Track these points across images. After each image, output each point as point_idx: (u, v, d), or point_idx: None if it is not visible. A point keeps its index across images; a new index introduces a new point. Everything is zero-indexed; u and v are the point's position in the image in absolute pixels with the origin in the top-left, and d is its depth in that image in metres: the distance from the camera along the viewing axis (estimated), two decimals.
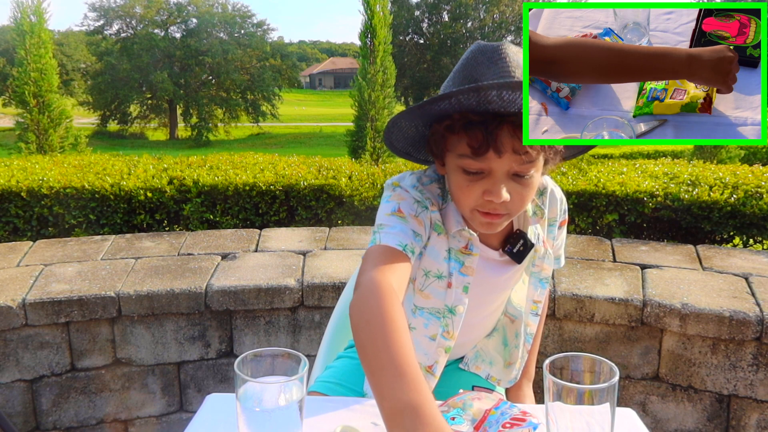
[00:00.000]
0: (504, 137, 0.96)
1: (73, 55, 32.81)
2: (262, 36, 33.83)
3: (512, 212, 1.04)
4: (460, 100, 0.94)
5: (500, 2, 32.06)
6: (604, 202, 2.93)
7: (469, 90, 0.92)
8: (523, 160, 0.98)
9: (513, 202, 1.02)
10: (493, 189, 0.99)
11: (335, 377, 1.35)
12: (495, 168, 0.99)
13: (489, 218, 1.03)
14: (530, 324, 1.28)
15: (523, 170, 1.00)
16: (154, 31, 31.95)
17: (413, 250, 1.02)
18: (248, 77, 31.27)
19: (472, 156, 0.98)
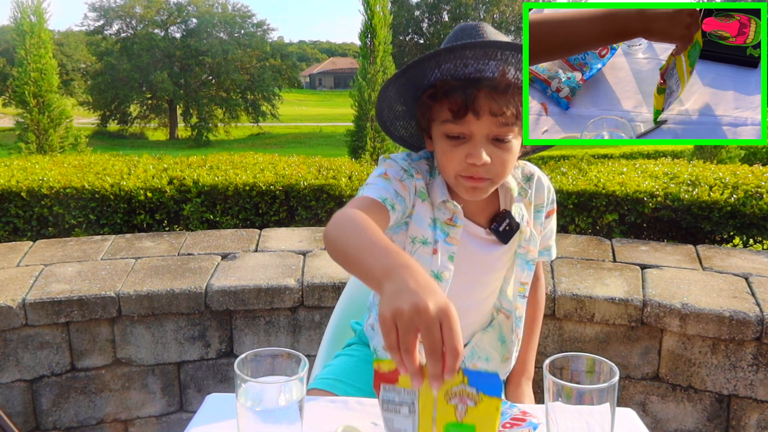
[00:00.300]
0: (481, 100, 1.03)
1: (73, 55, 32.81)
2: (262, 36, 33.83)
3: (494, 178, 1.10)
4: (438, 63, 1.05)
5: (500, 2, 32.08)
6: (604, 202, 2.93)
7: (445, 51, 1.01)
8: (501, 122, 1.05)
9: (494, 165, 1.08)
10: (473, 152, 1.06)
11: (335, 374, 1.35)
12: (475, 131, 1.06)
13: (472, 182, 1.09)
14: (519, 307, 1.30)
15: (502, 133, 1.06)
16: (154, 31, 31.96)
17: (393, 205, 1.06)
18: (248, 77, 31.27)
19: (453, 120, 1.06)
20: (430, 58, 1.04)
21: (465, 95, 1.04)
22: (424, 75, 1.09)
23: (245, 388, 0.82)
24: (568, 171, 3.38)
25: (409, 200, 1.13)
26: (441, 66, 1.05)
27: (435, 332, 0.69)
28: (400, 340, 0.70)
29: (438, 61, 1.05)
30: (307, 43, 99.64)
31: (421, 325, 0.69)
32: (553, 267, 2.43)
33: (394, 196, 1.08)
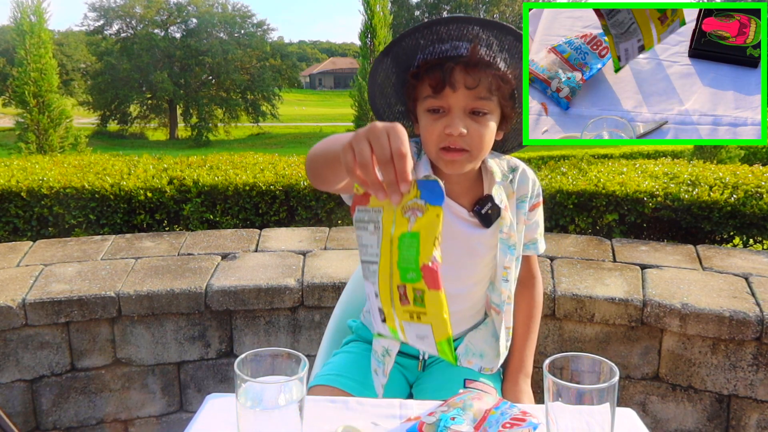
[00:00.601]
0: (457, 75, 1.14)
1: (73, 55, 32.82)
2: (262, 36, 33.84)
3: (471, 150, 1.17)
4: (417, 39, 1.18)
5: (500, 2, 32.08)
6: (604, 202, 2.93)
7: (422, 26, 1.16)
8: (476, 96, 1.15)
9: (471, 137, 1.16)
10: (451, 123, 1.15)
11: (335, 370, 1.36)
12: (452, 104, 1.15)
13: (451, 155, 1.17)
14: (503, 291, 1.31)
15: (478, 106, 1.16)
16: (154, 31, 31.96)
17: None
18: (248, 77, 31.28)
19: (433, 95, 1.16)
20: (407, 34, 1.18)
21: (443, 71, 1.14)
22: (407, 56, 1.21)
23: (245, 388, 0.82)
24: (568, 171, 3.38)
25: None
26: (420, 43, 1.18)
27: (383, 141, 0.79)
28: (356, 156, 0.80)
29: (416, 37, 1.18)
30: (307, 43, 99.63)
31: (371, 137, 0.80)
32: (553, 267, 2.43)
33: None
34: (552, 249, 2.62)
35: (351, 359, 1.39)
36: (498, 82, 1.16)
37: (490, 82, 1.15)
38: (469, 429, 0.93)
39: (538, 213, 1.37)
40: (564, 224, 3.03)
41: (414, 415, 1.02)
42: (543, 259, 2.51)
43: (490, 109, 1.17)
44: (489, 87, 1.15)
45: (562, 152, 9.70)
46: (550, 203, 3.01)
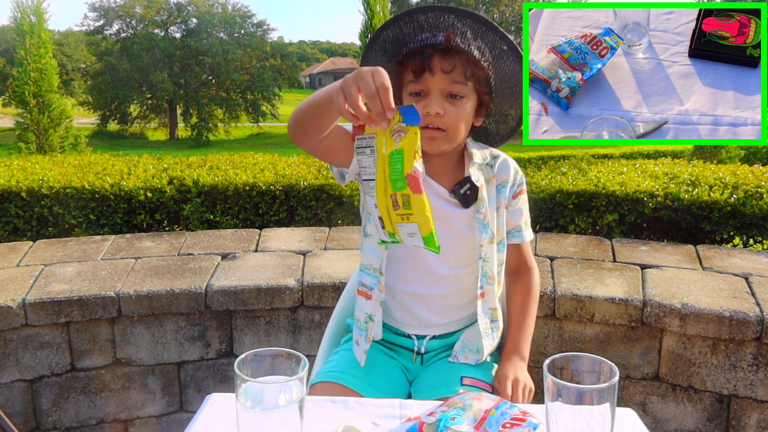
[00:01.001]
0: (435, 60, 1.25)
1: (73, 55, 32.81)
2: (262, 36, 33.84)
3: (448, 129, 1.27)
4: (401, 27, 1.30)
5: (500, 2, 32.08)
6: (604, 202, 2.93)
7: (404, 14, 1.28)
8: (451, 80, 1.25)
9: (447, 118, 1.26)
10: (429, 104, 1.25)
11: (338, 367, 1.38)
12: (431, 87, 1.26)
13: (430, 132, 1.27)
14: (482, 269, 1.36)
15: (454, 89, 1.26)
16: (154, 31, 31.96)
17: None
18: (248, 77, 31.28)
19: (414, 79, 1.27)
20: (391, 22, 1.30)
21: (422, 57, 1.25)
22: (393, 45, 1.34)
23: (245, 388, 0.82)
24: (568, 171, 3.38)
25: None
26: (404, 30, 1.30)
27: (369, 80, 0.95)
28: (346, 97, 0.97)
29: (399, 26, 1.30)
30: (307, 43, 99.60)
31: (358, 79, 0.96)
32: (553, 267, 2.43)
33: None
34: (552, 249, 2.62)
35: (353, 357, 1.40)
36: (472, 68, 1.26)
37: (464, 67, 1.25)
38: (469, 429, 0.93)
39: (522, 201, 1.43)
40: (564, 224, 3.03)
41: (414, 415, 1.02)
42: (543, 259, 2.51)
43: (466, 94, 1.28)
44: (464, 72, 1.25)
45: (562, 152, 9.70)
46: (550, 203, 3.01)
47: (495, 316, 1.40)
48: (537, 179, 3.20)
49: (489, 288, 1.37)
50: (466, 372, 1.35)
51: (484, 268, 1.35)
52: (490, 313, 1.39)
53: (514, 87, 1.35)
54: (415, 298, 1.39)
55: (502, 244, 1.40)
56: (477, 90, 1.30)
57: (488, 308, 1.38)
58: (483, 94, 1.31)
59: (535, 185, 3.10)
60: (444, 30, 1.27)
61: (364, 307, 1.39)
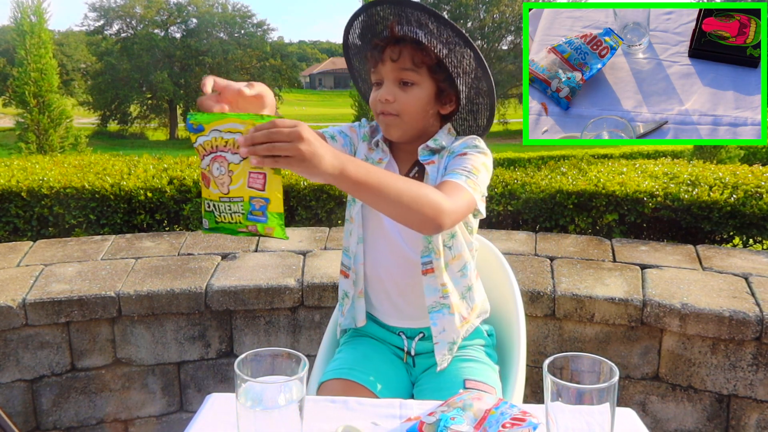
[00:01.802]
0: (386, 52, 1.30)
1: (73, 55, 32.81)
2: (262, 36, 33.85)
3: (401, 114, 1.31)
4: (364, 20, 1.35)
5: (500, 2, 32.06)
6: (604, 202, 2.93)
7: (362, 9, 1.33)
8: (399, 67, 1.29)
9: (399, 104, 1.31)
10: (382, 90, 1.31)
11: (347, 364, 1.38)
12: (384, 75, 1.32)
13: (384, 117, 1.33)
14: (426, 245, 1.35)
15: (403, 76, 1.30)
16: (154, 31, 31.97)
17: (333, 135, 1.40)
18: (248, 77, 31.25)
19: (373, 69, 1.34)
20: (353, 18, 1.36)
21: (376, 49, 1.32)
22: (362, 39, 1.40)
23: (245, 388, 0.82)
24: (568, 171, 3.38)
25: (355, 139, 1.44)
26: (367, 24, 1.36)
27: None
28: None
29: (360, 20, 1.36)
30: (307, 43, 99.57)
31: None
32: (553, 267, 2.43)
33: (338, 132, 1.41)
34: (552, 249, 2.62)
35: (360, 354, 1.41)
36: (420, 55, 1.28)
37: (411, 54, 1.28)
38: (469, 429, 0.94)
39: (468, 159, 1.28)
40: (564, 224, 3.03)
41: (414, 415, 1.02)
42: (543, 259, 2.51)
43: (416, 80, 1.30)
44: (411, 59, 1.29)
45: (562, 152, 9.70)
46: (550, 203, 3.01)
47: (445, 292, 1.35)
48: (537, 179, 3.20)
49: (437, 263, 1.33)
50: (468, 374, 1.34)
51: (430, 244, 1.33)
52: (439, 289, 1.35)
53: (471, 73, 1.34)
54: (393, 286, 1.40)
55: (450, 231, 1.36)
56: (432, 77, 1.31)
57: (439, 284, 1.35)
58: (440, 81, 1.32)
59: (535, 185, 3.10)
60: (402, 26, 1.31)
61: (341, 285, 1.47)
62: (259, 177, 0.99)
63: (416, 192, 1.09)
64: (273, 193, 1.00)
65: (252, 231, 1.03)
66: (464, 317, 1.40)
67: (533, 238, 2.77)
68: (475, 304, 1.43)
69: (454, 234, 1.35)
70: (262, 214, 1.02)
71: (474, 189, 1.23)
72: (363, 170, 1.04)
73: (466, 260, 1.39)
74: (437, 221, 1.12)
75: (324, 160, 0.97)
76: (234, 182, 1.02)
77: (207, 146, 1.02)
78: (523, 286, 2.23)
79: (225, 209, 1.05)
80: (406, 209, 1.09)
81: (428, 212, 1.10)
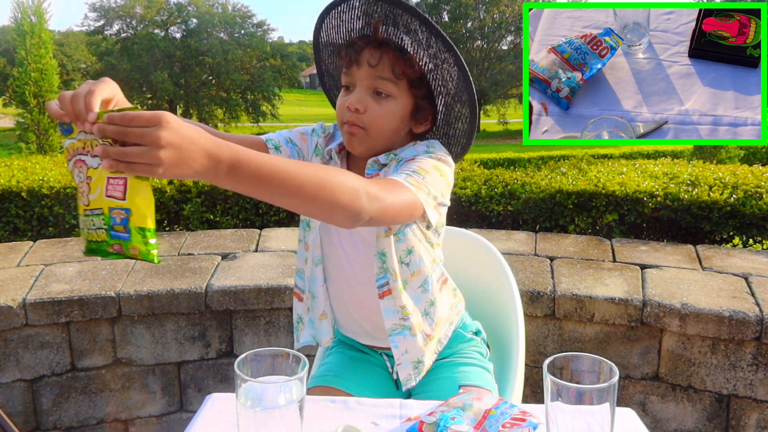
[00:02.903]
0: (364, 53, 1.15)
1: (73, 55, 32.80)
2: (262, 36, 33.85)
3: (367, 128, 1.16)
4: (339, 14, 1.19)
5: (500, 2, 32.05)
6: (603, 202, 2.93)
7: (335, 2, 1.18)
8: (377, 74, 1.14)
9: (369, 116, 1.16)
10: (353, 98, 1.16)
11: (332, 370, 1.36)
12: (357, 80, 1.17)
13: (348, 128, 1.17)
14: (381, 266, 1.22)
15: (379, 85, 1.15)
16: (154, 31, 31.97)
17: (277, 146, 1.25)
18: (248, 77, 31.29)
19: (346, 70, 1.18)
20: (327, 10, 1.20)
21: (354, 49, 1.16)
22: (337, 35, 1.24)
23: (245, 388, 0.82)
24: (568, 171, 3.38)
25: (305, 151, 1.29)
26: (343, 19, 1.20)
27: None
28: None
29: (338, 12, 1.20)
30: (307, 43, 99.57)
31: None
32: (553, 267, 2.43)
33: (284, 142, 1.26)
34: (552, 249, 2.62)
35: (347, 358, 1.39)
36: (402, 66, 1.14)
37: (393, 63, 1.14)
38: (469, 429, 0.94)
39: (415, 161, 1.14)
40: (564, 224, 3.03)
41: (414, 415, 1.02)
42: (543, 259, 2.51)
43: (393, 93, 1.16)
44: (392, 68, 1.14)
45: (562, 152, 9.70)
46: (550, 203, 3.02)
47: (405, 314, 1.23)
48: (537, 179, 3.20)
49: (394, 285, 1.21)
50: (464, 380, 1.30)
51: (385, 265, 1.21)
52: (399, 311, 1.23)
53: (455, 96, 1.20)
54: (356, 309, 1.31)
55: (403, 233, 1.20)
56: (411, 92, 1.17)
57: (398, 306, 1.23)
58: (419, 98, 1.18)
59: (535, 185, 3.10)
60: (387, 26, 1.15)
61: (295, 308, 1.37)
62: (118, 182, 0.80)
63: (323, 178, 0.90)
64: (135, 202, 0.80)
65: (118, 251, 0.83)
66: (428, 335, 1.28)
67: (533, 238, 2.77)
68: (440, 317, 1.29)
69: (411, 249, 1.22)
70: (124, 229, 0.81)
71: (417, 187, 1.07)
72: (253, 163, 0.83)
73: (426, 275, 1.25)
74: (354, 208, 0.93)
75: (194, 162, 0.79)
76: (92, 190, 0.83)
77: (71, 149, 0.84)
78: (523, 286, 2.23)
79: (90, 225, 0.85)
80: (313, 199, 0.89)
81: (342, 199, 0.91)
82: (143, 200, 0.80)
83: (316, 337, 1.35)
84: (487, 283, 1.56)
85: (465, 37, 32.68)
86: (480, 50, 33.17)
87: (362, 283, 1.26)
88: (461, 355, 1.37)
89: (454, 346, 1.37)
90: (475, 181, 3.25)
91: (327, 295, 1.32)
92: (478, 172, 3.45)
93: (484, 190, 3.15)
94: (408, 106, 1.18)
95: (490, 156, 10.26)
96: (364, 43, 1.15)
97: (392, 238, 1.20)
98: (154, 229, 0.81)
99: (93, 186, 0.82)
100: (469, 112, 1.20)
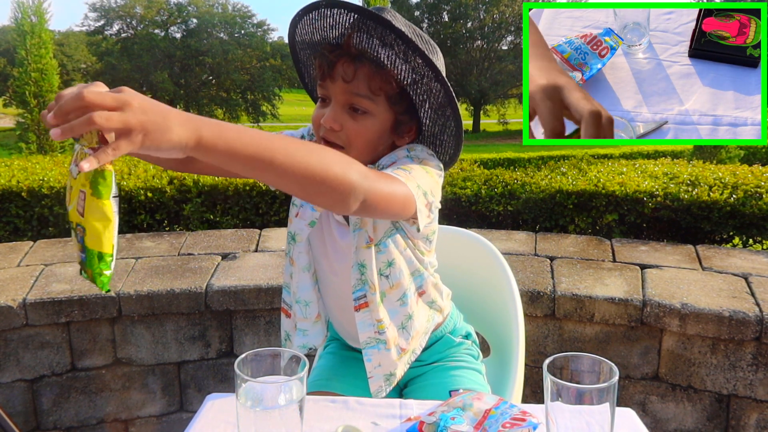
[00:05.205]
0: (338, 66, 1.07)
1: (73, 55, 32.82)
2: (262, 36, 33.89)
3: (346, 146, 1.10)
4: (311, 17, 1.11)
5: (500, 2, 32.07)
6: (603, 202, 2.93)
7: (309, 7, 1.08)
8: (352, 91, 1.07)
9: (345, 134, 1.09)
10: (327, 114, 1.09)
11: (326, 374, 1.35)
12: (333, 94, 1.09)
13: (325, 144, 1.09)
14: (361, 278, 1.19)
15: (355, 102, 1.08)
16: (154, 31, 32.01)
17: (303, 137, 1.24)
18: (248, 77, 31.32)
19: (320, 83, 1.11)
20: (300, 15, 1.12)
21: (328, 60, 1.09)
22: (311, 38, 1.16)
23: (245, 388, 0.82)
24: (568, 171, 3.38)
25: None
26: (315, 25, 1.12)
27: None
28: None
29: (310, 18, 1.11)
30: None
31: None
32: (553, 267, 2.43)
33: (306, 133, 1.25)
34: (552, 249, 2.62)
35: (337, 360, 1.38)
36: (379, 81, 1.06)
37: (369, 79, 1.06)
38: (469, 429, 0.94)
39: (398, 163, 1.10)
40: (564, 224, 3.03)
41: (414, 414, 1.02)
42: (543, 259, 2.51)
43: (371, 109, 1.08)
44: (368, 84, 1.06)
45: (562, 152, 9.70)
46: (550, 203, 3.02)
47: (381, 328, 1.19)
48: (537, 179, 3.20)
49: (372, 298, 1.18)
50: (454, 385, 1.27)
51: (363, 276, 1.17)
52: (375, 324, 1.20)
53: (439, 110, 1.14)
54: (342, 318, 1.30)
55: (384, 245, 1.17)
56: (391, 108, 1.10)
57: (374, 320, 1.19)
58: (399, 113, 1.11)
59: (535, 185, 3.10)
60: (358, 33, 1.06)
61: (282, 324, 1.33)
62: (82, 197, 0.74)
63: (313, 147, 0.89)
64: (89, 221, 0.73)
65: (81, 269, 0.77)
66: (403, 348, 1.24)
67: (533, 238, 2.77)
68: (416, 330, 1.25)
69: (392, 262, 1.18)
70: (82, 248, 0.75)
71: (406, 179, 1.02)
72: (231, 134, 0.80)
73: (405, 287, 1.21)
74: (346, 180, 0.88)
75: (171, 132, 0.75)
76: (70, 201, 0.77)
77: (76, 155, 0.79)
78: (523, 286, 2.23)
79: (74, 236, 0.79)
80: (305, 167, 0.85)
81: (334, 169, 0.87)
82: (99, 221, 0.72)
83: (307, 345, 1.32)
84: (487, 283, 1.55)
85: (465, 37, 32.69)
86: (480, 50, 33.19)
87: (338, 295, 1.26)
88: (451, 359, 1.36)
89: (443, 351, 1.36)
90: (475, 181, 3.25)
91: (319, 295, 1.30)
92: (478, 172, 3.45)
93: (484, 190, 3.15)
94: (387, 121, 1.12)
95: (490, 156, 10.26)
96: (336, 56, 1.07)
97: (373, 249, 1.16)
98: (112, 254, 0.74)
99: (71, 197, 0.77)
100: (455, 126, 1.14)
